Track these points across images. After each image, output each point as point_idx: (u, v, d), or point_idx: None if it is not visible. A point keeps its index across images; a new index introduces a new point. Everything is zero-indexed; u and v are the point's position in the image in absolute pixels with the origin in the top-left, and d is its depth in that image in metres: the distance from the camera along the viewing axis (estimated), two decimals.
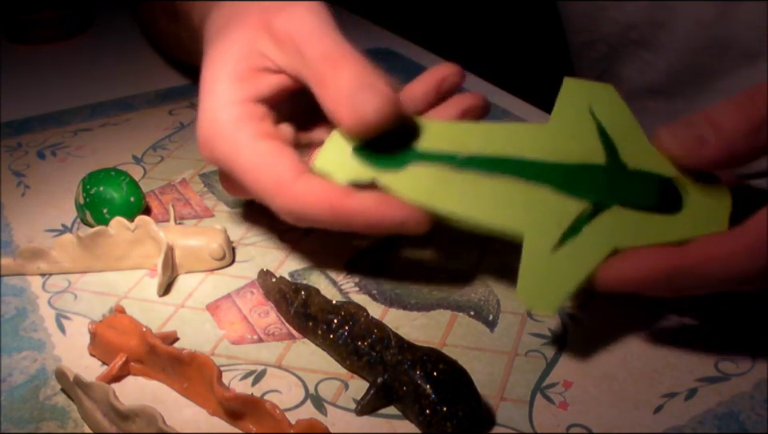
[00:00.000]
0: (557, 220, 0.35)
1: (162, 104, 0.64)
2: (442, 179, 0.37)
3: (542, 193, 0.36)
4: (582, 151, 0.37)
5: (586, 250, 0.34)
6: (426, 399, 0.32)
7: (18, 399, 0.35)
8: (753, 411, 0.33)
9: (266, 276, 0.41)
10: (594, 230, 0.35)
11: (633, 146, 0.37)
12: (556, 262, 0.34)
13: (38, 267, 0.43)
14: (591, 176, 0.36)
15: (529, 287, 0.34)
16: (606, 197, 0.36)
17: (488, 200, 0.36)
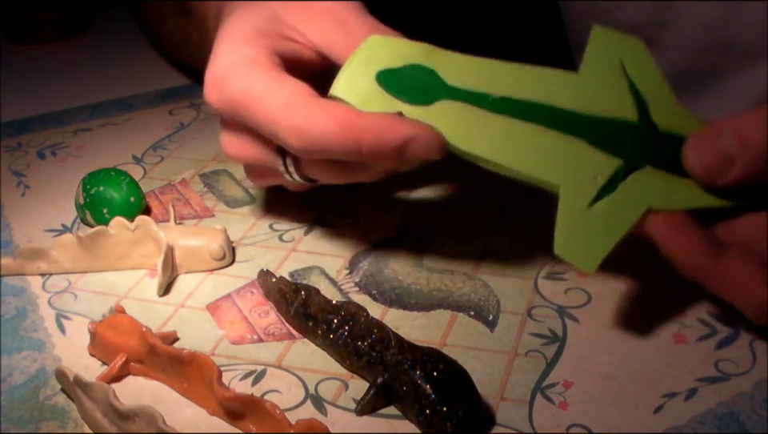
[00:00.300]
0: (593, 175, 0.34)
1: (162, 104, 0.64)
2: (474, 120, 0.35)
3: (578, 146, 0.35)
4: (614, 106, 0.36)
5: (622, 208, 0.34)
6: (426, 399, 0.32)
7: (18, 399, 0.35)
8: (753, 411, 0.33)
9: (266, 276, 0.41)
10: (629, 188, 0.34)
11: (663, 105, 0.36)
12: (593, 218, 0.34)
13: (37, 267, 0.43)
14: (624, 133, 0.36)
15: (567, 243, 0.34)
16: (638, 156, 0.35)
17: (522, 147, 0.35)
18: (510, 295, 0.41)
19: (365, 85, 0.36)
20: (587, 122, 0.36)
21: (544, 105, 0.36)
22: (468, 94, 0.36)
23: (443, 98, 0.36)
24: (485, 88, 0.36)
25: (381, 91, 0.36)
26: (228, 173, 0.53)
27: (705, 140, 0.34)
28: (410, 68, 0.36)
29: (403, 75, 0.36)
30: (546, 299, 0.40)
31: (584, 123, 0.36)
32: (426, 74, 0.36)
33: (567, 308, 0.40)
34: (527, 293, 0.41)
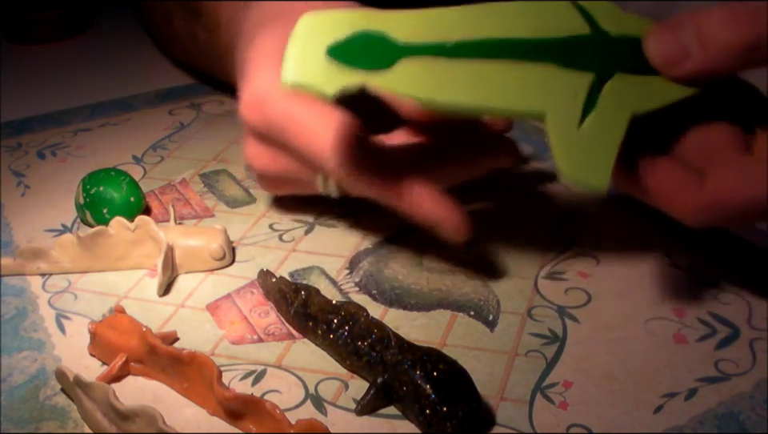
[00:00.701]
0: (572, 94, 0.34)
1: (162, 104, 0.64)
2: (440, 70, 0.34)
3: (548, 70, 0.35)
4: (565, 25, 0.36)
5: (610, 119, 0.34)
6: (426, 399, 0.32)
7: (18, 399, 0.35)
8: (753, 411, 0.33)
9: (266, 276, 0.41)
10: (609, 98, 0.34)
11: (607, 13, 0.36)
12: (588, 135, 0.34)
13: (38, 267, 0.43)
14: (584, 48, 0.35)
15: (572, 167, 0.33)
16: (604, 66, 0.35)
17: (497, 85, 0.35)
18: (510, 295, 0.41)
19: (317, 64, 0.34)
20: (548, 46, 0.35)
21: (502, 39, 0.35)
22: (424, 47, 0.35)
23: (401, 57, 0.34)
24: (438, 37, 0.35)
25: (337, 66, 0.34)
26: (228, 173, 0.53)
27: (665, 31, 0.35)
28: (357, 36, 0.34)
29: (353, 45, 0.34)
30: (546, 299, 0.40)
31: (545, 47, 0.35)
32: (376, 38, 0.34)
33: (567, 308, 0.40)
34: (527, 293, 0.41)
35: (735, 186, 0.33)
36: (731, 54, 0.33)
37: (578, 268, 0.42)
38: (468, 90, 0.34)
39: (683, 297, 0.40)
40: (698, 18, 0.34)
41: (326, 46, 0.34)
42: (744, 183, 0.33)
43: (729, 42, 0.33)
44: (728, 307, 0.39)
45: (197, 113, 0.63)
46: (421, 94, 0.34)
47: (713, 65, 0.33)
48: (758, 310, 0.39)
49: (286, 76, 0.34)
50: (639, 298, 0.40)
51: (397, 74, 0.34)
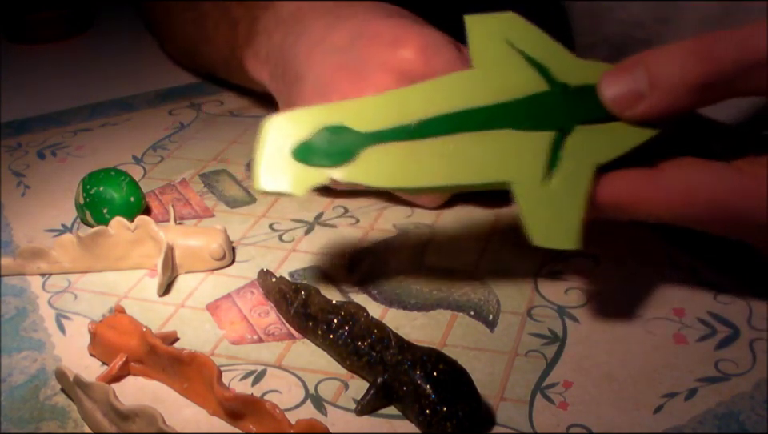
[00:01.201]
0: (533, 157, 0.34)
1: (162, 104, 0.64)
2: (403, 155, 0.35)
3: (507, 136, 0.35)
4: (521, 84, 0.36)
5: (574, 175, 0.34)
6: (426, 399, 0.32)
7: (18, 399, 0.35)
8: (753, 411, 0.33)
9: (266, 276, 0.41)
10: (571, 154, 0.34)
11: (563, 64, 0.36)
12: (553, 196, 0.34)
13: (38, 267, 0.43)
14: (542, 106, 0.36)
15: (542, 230, 0.33)
16: (564, 121, 0.35)
17: (459, 160, 0.35)
18: (509, 295, 0.41)
19: (285, 168, 0.35)
20: (505, 111, 0.35)
21: (460, 111, 0.35)
22: (386, 132, 0.35)
23: (364, 146, 0.35)
24: (399, 120, 0.35)
25: (304, 167, 0.35)
26: (228, 173, 0.53)
27: (616, 74, 0.34)
28: (320, 132, 0.35)
29: (317, 142, 0.35)
30: (545, 299, 0.40)
31: (502, 113, 0.35)
32: (339, 131, 0.35)
33: (567, 308, 0.40)
34: (527, 293, 0.41)
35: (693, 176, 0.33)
36: (683, 92, 0.33)
37: (578, 268, 0.42)
38: (430, 172, 0.35)
39: (683, 297, 0.40)
40: (648, 58, 0.33)
41: (290, 147, 0.35)
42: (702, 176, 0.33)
43: (680, 80, 0.33)
44: (728, 307, 0.39)
45: (197, 113, 0.63)
46: (385, 183, 0.35)
47: (666, 105, 0.33)
48: (758, 310, 0.39)
49: (257, 184, 0.35)
50: (639, 298, 0.40)
51: (361, 165, 0.35)
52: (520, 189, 0.34)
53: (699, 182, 0.33)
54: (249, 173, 0.53)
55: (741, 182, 0.33)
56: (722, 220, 0.33)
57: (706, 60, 0.32)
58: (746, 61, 0.32)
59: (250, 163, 0.54)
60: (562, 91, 0.36)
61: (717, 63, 0.32)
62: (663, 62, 0.33)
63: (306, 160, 0.35)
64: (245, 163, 0.54)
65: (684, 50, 0.33)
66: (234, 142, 0.57)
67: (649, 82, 0.33)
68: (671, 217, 0.34)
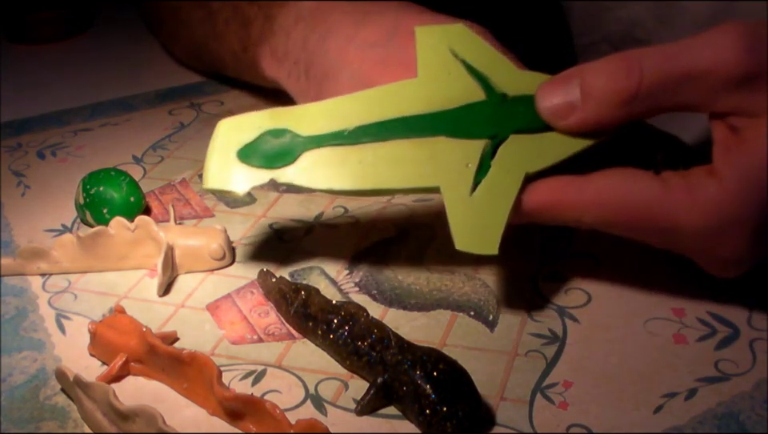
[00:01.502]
0: (464, 165, 0.35)
1: (162, 104, 0.64)
2: (339, 159, 0.37)
3: (439, 143, 0.36)
4: (460, 93, 0.37)
5: (502, 182, 0.35)
6: (426, 399, 0.32)
7: (18, 399, 0.35)
8: (753, 411, 0.33)
9: (266, 276, 0.41)
10: (501, 162, 0.35)
11: (504, 75, 0.37)
12: (479, 202, 0.35)
13: (38, 267, 0.43)
14: (478, 114, 0.37)
15: (464, 236, 0.34)
16: (499, 130, 0.36)
17: (392, 165, 0.36)
18: (510, 295, 0.41)
19: (230, 168, 0.37)
20: (440, 119, 0.37)
21: (396, 119, 0.37)
22: (324, 137, 0.37)
23: (305, 150, 0.37)
24: (337, 126, 0.37)
25: (246, 168, 0.37)
26: None
27: (551, 86, 0.36)
28: (264, 135, 0.37)
29: (260, 145, 0.37)
30: (546, 299, 0.40)
31: (437, 121, 0.37)
32: (281, 134, 0.37)
33: (567, 308, 0.40)
34: (527, 293, 0.41)
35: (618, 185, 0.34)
36: (613, 104, 0.34)
37: (578, 268, 0.42)
38: (363, 175, 0.36)
39: (683, 297, 0.40)
40: (583, 71, 0.35)
41: (236, 149, 0.37)
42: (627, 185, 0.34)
43: (609, 92, 0.34)
44: (728, 307, 0.39)
45: (197, 113, 0.63)
46: (321, 186, 0.37)
47: (597, 116, 0.34)
48: (758, 310, 0.39)
49: (205, 183, 0.38)
50: (639, 298, 0.40)
51: (299, 168, 0.37)
52: (449, 194, 0.35)
53: (623, 190, 0.34)
54: None
55: (664, 193, 0.34)
56: (645, 228, 0.34)
57: (634, 73, 0.33)
58: (671, 75, 0.33)
59: None
60: (499, 101, 0.37)
61: (644, 77, 0.33)
62: (595, 74, 0.34)
63: (249, 161, 0.37)
64: None
65: (614, 64, 0.34)
66: None
67: (581, 93, 0.34)
68: (595, 222, 0.35)
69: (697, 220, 0.33)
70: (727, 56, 0.32)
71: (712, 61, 0.33)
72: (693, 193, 0.33)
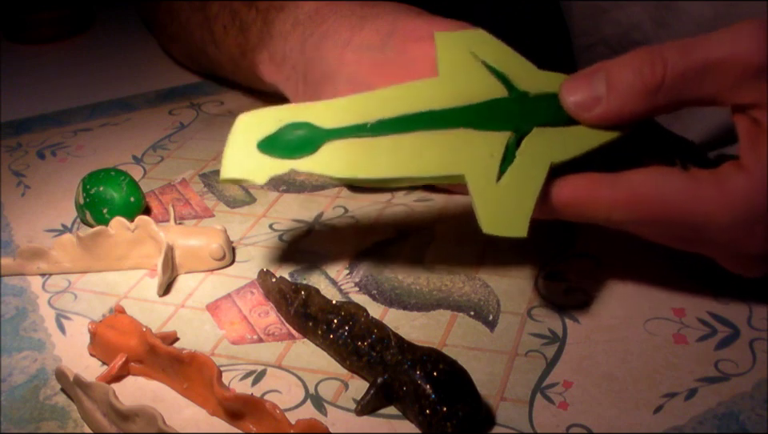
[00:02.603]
0: (488, 154, 0.36)
1: (162, 104, 0.64)
2: (362, 148, 0.37)
3: (463, 135, 0.37)
4: (482, 90, 0.38)
5: (528, 170, 0.35)
6: (426, 399, 0.32)
7: (18, 399, 0.35)
8: (753, 411, 0.33)
9: (266, 276, 0.41)
10: (526, 152, 0.36)
11: (524, 75, 0.38)
12: (505, 190, 0.35)
13: (38, 267, 0.43)
14: (500, 109, 0.37)
15: (492, 220, 0.35)
16: (521, 125, 0.37)
17: (415, 155, 0.36)
18: (510, 295, 0.41)
19: (250, 159, 0.37)
20: (463, 113, 0.37)
21: (418, 113, 0.37)
22: (346, 129, 0.37)
23: (325, 140, 0.37)
24: (359, 119, 0.37)
25: (267, 158, 0.37)
26: None
27: (577, 80, 0.36)
28: (285, 128, 0.37)
29: (281, 136, 0.37)
30: (545, 299, 0.40)
31: (461, 114, 0.37)
32: (302, 127, 0.37)
33: (567, 308, 0.40)
34: (527, 293, 0.41)
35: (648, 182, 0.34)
36: (637, 95, 0.35)
37: (578, 268, 0.42)
38: (386, 164, 0.36)
39: (683, 297, 0.40)
40: (608, 65, 0.36)
41: (257, 140, 0.37)
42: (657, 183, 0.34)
43: (634, 84, 0.35)
44: (728, 307, 0.39)
45: (197, 113, 0.63)
46: (342, 174, 0.36)
47: (621, 107, 0.35)
48: (758, 310, 0.39)
49: (223, 173, 0.37)
50: (639, 298, 0.40)
51: (321, 157, 0.37)
52: (474, 181, 0.35)
53: (654, 186, 0.34)
54: None
55: (694, 188, 0.34)
56: (676, 224, 0.35)
57: (658, 66, 0.34)
58: (694, 66, 0.34)
59: None
60: (520, 98, 0.37)
61: (668, 69, 0.34)
62: (620, 68, 0.35)
63: (270, 152, 0.37)
64: None
65: (639, 57, 0.35)
66: None
67: (607, 85, 0.35)
68: (625, 219, 0.35)
69: (727, 214, 0.34)
70: (748, 47, 0.33)
71: (733, 51, 0.33)
72: (722, 187, 0.34)
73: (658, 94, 0.34)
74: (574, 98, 0.36)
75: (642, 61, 0.35)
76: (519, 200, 0.35)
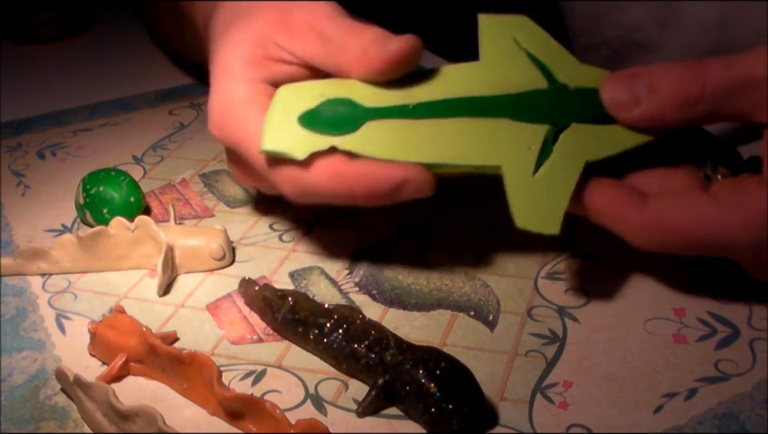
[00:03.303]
0: (526, 147, 0.36)
1: (162, 104, 0.64)
2: (403, 130, 0.37)
3: (503, 125, 0.37)
4: (523, 80, 0.38)
5: (564, 167, 0.35)
6: (431, 398, 0.32)
7: (18, 399, 0.35)
8: (753, 411, 0.33)
9: (248, 284, 0.40)
10: (563, 148, 0.36)
11: (565, 67, 0.38)
12: (541, 183, 0.35)
13: (38, 267, 0.43)
14: (540, 101, 0.37)
15: (526, 215, 0.35)
16: (561, 117, 0.37)
17: (453, 142, 0.36)
18: (510, 295, 0.41)
19: (290, 132, 0.37)
20: (504, 102, 0.37)
21: (460, 98, 0.37)
22: (388, 109, 0.37)
23: (366, 120, 0.37)
24: (402, 100, 0.37)
25: (307, 133, 0.37)
26: (228, 173, 0.53)
27: (619, 78, 0.37)
28: (326, 103, 0.37)
29: (322, 112, 0.37)
30: (545, 299, 0.40)
31: (501, 103, 0.37)
32: (344, 104, 0.37)
33: (567, 308, 0.40)
34: (527, 293, 0.41)
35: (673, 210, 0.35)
36: (677, 103, 0.35)
37: (578, 268, 0.42)
38: (425, 148, 0.36)
39: (683, 297, 0.40)
40: (651, 70, 0.36)
41: (298, 114, 0.37)
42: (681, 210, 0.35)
43: (674, 92, 0.35)
44: (728, 307, 0.39)
45: (197, 113, 0.63)
46: (381, 155, 0.36)
47: (659, 112, 0.35)
48: (758, 310, 0.39)
49: (263, 145, 0.37)
50: (639, 298, 0.40)
51: (361, 136, 0.36)
52: (509, 174, 0.35)
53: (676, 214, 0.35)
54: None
55: (717, 212, 0.34)
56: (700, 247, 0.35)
57: (699, 77, 0.35)
58: (732, 82, 0.34)
59: None
60: (560, 90, 0.37)
61: (708, 82, 0.35)
62: (664, 74, 0.35)
63: (311, 127, 0.37)
64: None
65: (682, 68, 0.35)
66: None
67: (648, 89, 0.35)
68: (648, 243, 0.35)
69: (752, 235, 0.34)
70: None
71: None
72: (745, 208, 0.34)
73: (697, 106, 0.35)
74: (613, 96, 0.36)
75: (684, 70, 0.35)
76: (554, 196, 0.35)
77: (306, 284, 0.42)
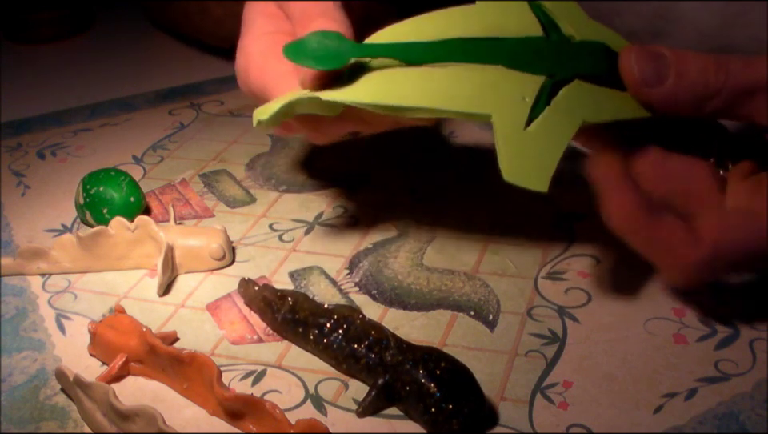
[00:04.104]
0: (520, 97, 0.34)
1: (162, 104, 0.64)
2: (389, 75, 0.35)
3: (497, 72, 0.35)
4: (518, 25, 0.36)
5: (559, 123, 0.34)
6: (431, 398, 0.32)
7: (18, 399, 0.35)
8: (753, 411, 0.33)
9: (248, 285, 0.40)
10: (561, 103, 0.35)
11: (574, 20, 0.37)
12: (533, 137, 0.34)
13: (38, 267, 0.43)
14: (537, 50, 0.36)
15: (513, 168, 0.33)
16: (558, 69, 0.35)
17: (444, 87, 0.35)
18: (510, 295, 0.41)
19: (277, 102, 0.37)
20: (499, 46, 0.35)
21: (452, 39, 0.36)
22: (375, 47, 0.36)
23: (353, 56, 0.35)
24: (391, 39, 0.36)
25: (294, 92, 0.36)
26: (228, 173, 0.53)
27: (644, 52, 0.36)
28: (313, 35, 0.36)
29: (308, 42, 0.36)
30: (545, 299, 0.40)
31: (495, 48, 0.35)
32: (332, 37, 0.36)
33: (567, 308, 0.40)
34: (527, 293, 0.41)
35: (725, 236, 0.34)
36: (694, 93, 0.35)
37: (578, 268, 0.42)
38: (415, 94, 0.35)
39: (683, 297, 0.40)
40: (678, 53, 0.36)
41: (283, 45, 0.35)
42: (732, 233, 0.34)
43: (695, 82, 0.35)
44: (728, 307, 0.39)
45: (197, 113, 0.63)
46: (365, 100, 0.34)
47: (680, 97, 0.35)
48: (758, 310, 0.39)
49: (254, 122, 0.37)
50: (639, 298, 0.40)
51: (347, 85, 0.35)
52: (500, 125, 0.34)
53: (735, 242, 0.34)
54: (249, 173, 0.53)
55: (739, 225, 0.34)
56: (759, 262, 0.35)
57: (721, 72, 0.35)
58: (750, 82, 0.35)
59: (249, 163, 0.54)
60: (562, 41, 0.36)
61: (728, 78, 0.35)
62: (691, 60, 0.35)
63: (295, 58, 0.35)
64: (245, 163, 0.54)
65: (706, 59, 0.35)
66: (233, 142, 0.57)
67: (675, 72, 0.35)
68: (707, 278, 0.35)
69: None
70: None
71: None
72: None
73: (714, 99, 0.35)
74: (638, 68, 0.36)
75: (708, 62, 0.35)
76: (545, 152, 0.34)
77: (305, 284, 0.42)
